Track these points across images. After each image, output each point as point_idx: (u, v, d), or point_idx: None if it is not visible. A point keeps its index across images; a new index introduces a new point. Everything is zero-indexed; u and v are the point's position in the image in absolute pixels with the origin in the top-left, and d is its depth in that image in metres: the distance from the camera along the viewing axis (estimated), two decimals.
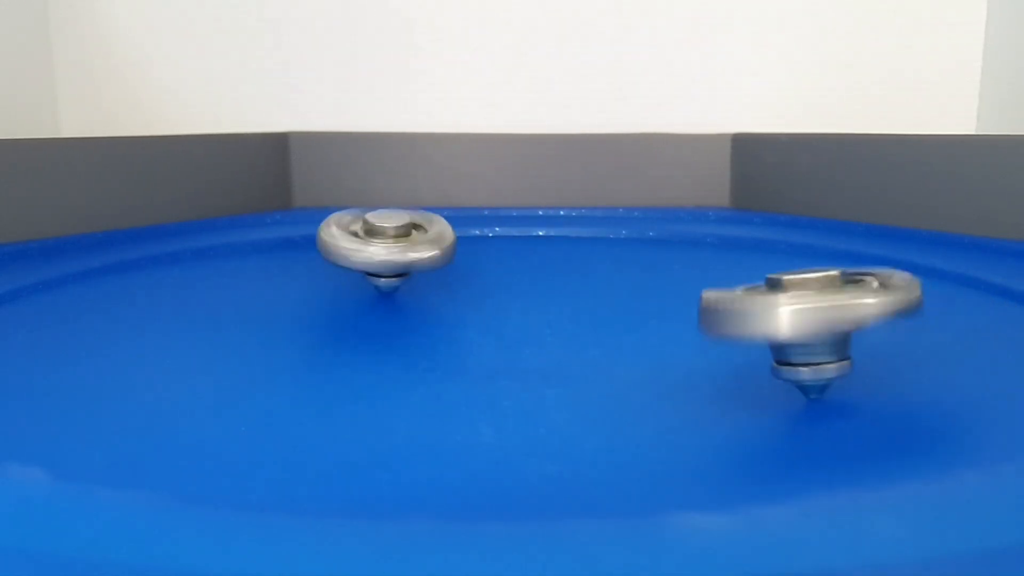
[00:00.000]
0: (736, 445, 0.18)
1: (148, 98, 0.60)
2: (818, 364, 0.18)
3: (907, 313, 0.17)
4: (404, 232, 0.29)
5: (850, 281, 0.19)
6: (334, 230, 0.28)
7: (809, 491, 0.16)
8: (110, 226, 0.45)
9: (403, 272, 0.29)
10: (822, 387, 0.19)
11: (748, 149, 0.55)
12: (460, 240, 0.44)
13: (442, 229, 0.30)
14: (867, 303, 0.17)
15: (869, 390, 0.20)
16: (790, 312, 0.17)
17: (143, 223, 0.47)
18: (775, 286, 0.18)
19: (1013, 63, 0.53)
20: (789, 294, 0.18)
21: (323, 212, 0.55)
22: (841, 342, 0.18)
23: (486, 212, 0.53)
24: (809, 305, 0.17)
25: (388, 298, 0.31)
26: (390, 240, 0.28)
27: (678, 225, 0.50)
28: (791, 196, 0.52)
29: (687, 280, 0.38)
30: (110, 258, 0.39)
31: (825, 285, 0.18)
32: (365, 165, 0.58)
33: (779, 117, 0.58)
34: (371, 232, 0.28)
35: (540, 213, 0.54)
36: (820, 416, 0.19)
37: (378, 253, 0.27)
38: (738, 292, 0.19)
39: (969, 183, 0.43)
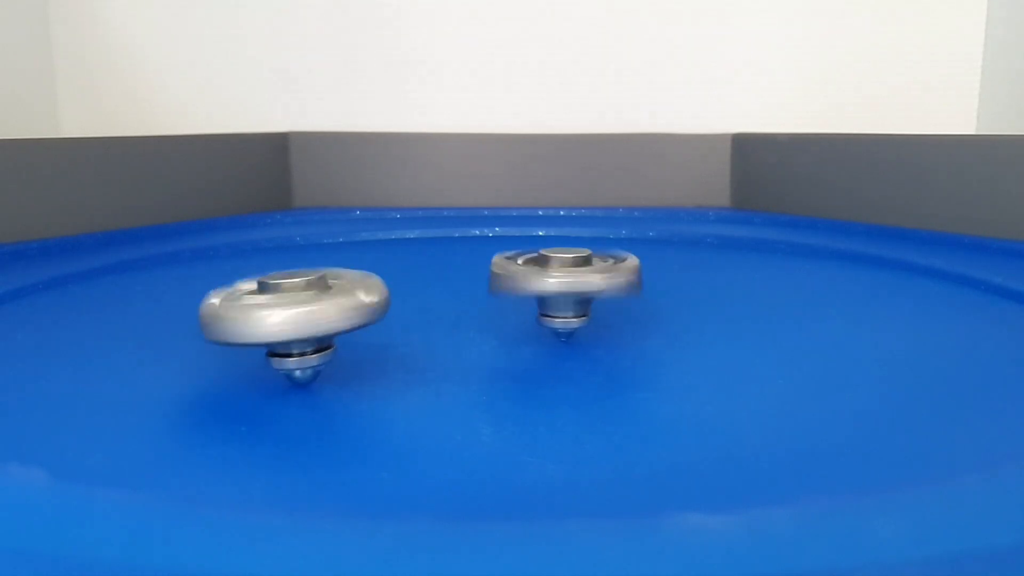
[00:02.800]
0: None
1: (148, 98, 0.60)
2: (567, 318, 0.24)
3: (622, 292, 0.23)
4: (318, 287, 0.20)
5: (598, 260, 0.25)
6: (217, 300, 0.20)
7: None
8: (110, 226, 0.45)
9: (326, 345, 0.20)
10: (568, 333, 0.25)
11: (748, 149, 0.55)
12: (460, 240, 0.44)
13: (366, 278, 0.21)
14: (593, 279, 0.23)
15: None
16: (552, 280, 0.23)
17: (143, 223, 0.47)
18: (541, 262, 0.24)
19: (1013, 63, 0.53)
20: (551, 267, 0.23)
21: (323, 212, 0.56)
22: (583, 303, 0.24)
23: (486, 212, 0.53)
24: (564, 278, 0.23)
25: None
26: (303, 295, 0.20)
27: (678, 225, 0.50)
28: (791, 196, 0.52)
29: (686, 280, 0.38)
30: (110, 258, 0.39)
31: (576, 263, 0.24)
32: (365, 165, 0.58)
33: (779, 117, 0.58)
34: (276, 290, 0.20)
35: (540, 213, 0.54)
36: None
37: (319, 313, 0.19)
38: (519, 264, 0.24)
39: (969, 183, 0.43)
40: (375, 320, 0.20)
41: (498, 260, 0.25)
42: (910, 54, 0.56)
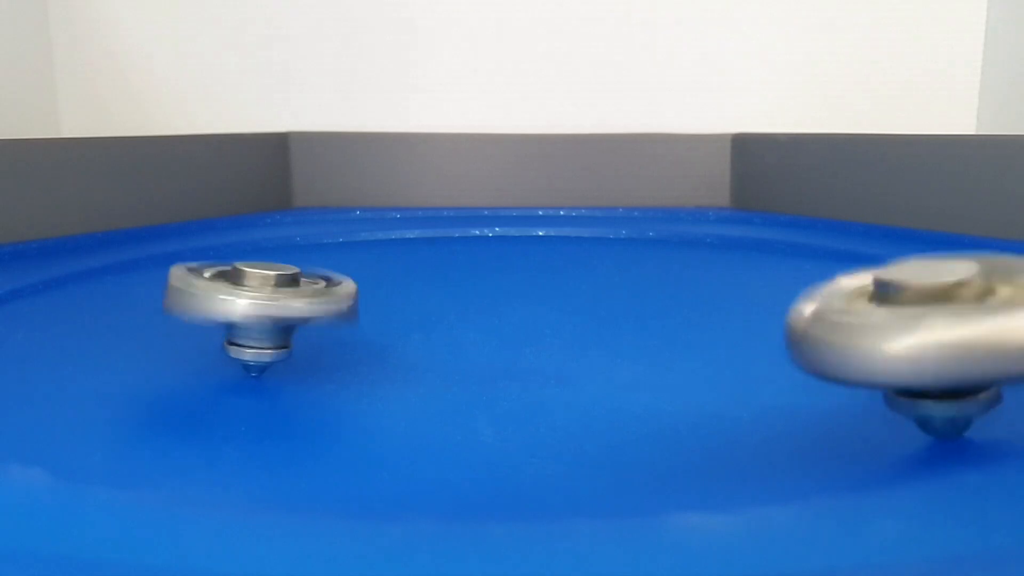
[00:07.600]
0: None
1: (148, 98, 0.60)
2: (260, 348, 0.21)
3: (333, 321, 0.20)
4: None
5: (307, 281, 0.21)
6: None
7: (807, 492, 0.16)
8: (110, 226, 0.45)
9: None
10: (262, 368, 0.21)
11: (748, 149, 0.55)
12: (460, 240, 0.44)
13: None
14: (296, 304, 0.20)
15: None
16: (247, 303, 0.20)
17: (143, 223, 0.47)
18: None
19: (1013, 63, 0.53)
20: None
21: (323, 212, 0.56)
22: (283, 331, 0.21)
23: (486, 212, 0.53)
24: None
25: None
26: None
27: (678, 225, 0.50)
28: (791, 196, 0.52)
29: (687, 280, 0.38)
30: (110, 258, 0.39)
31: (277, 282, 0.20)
32: (365, 165, 0.58)
33: (779, 117, 0.58)
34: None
35: (540, 213, 0.54)
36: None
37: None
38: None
39: (969, 183, 0.43)
40: None
41: (178, 272, 0.21)
42: (910, 54, 0.56)
